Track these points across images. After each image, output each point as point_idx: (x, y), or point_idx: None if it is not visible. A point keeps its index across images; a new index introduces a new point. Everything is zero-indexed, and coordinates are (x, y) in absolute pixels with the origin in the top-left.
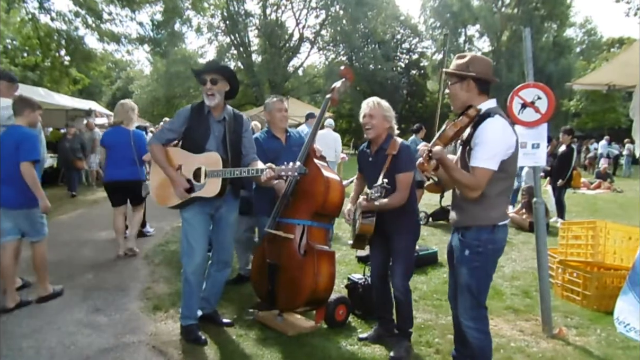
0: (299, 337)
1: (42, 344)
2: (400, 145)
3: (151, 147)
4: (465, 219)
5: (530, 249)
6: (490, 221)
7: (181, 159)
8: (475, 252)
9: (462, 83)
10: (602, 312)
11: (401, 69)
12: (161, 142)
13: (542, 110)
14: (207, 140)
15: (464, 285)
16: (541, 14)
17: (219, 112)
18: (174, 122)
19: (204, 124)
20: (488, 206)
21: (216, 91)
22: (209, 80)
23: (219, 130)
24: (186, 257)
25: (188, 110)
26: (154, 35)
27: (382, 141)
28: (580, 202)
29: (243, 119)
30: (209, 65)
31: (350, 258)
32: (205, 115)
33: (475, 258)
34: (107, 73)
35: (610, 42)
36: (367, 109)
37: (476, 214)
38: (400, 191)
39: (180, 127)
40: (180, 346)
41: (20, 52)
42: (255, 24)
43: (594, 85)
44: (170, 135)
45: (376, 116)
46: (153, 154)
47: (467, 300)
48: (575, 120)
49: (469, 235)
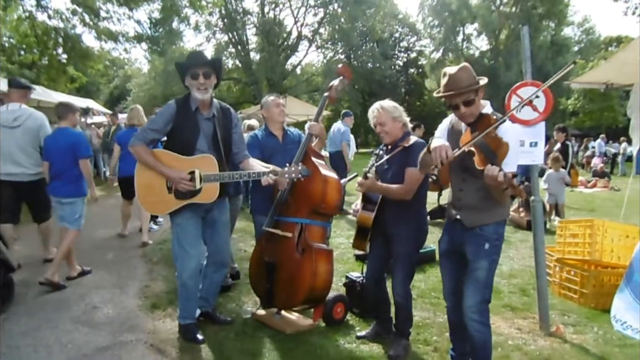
0: (297, 335)
1: (40, 342)
2: (414, 141)
3: (135, 149)
4: (483, 217)
5: (528, 247)
6: (505, 216)
7: (170, 161)
8: (494, 245)
9: (477, 95)
10: (599, 310)
11: (399, 68)
12: (144, 142)
13: (540, 108)
14: (197, 139)
15: (481, 279)
16: (539, 12)
17: (208, 108)
18: (158, 120)
19: (193, 122)
20: (504, 204)
21: (209, 85)
22: (201, 74)
23: (209, 128)
24: (181, 262)
25: (173, 107)
26: (152, 34)
27: (398, 139)
28: (578, 200)
29: (231, 113)
30: (201, 59)
31: (349, 256)
32: (192, 113)
33: (494, 251)
34: (105, 71)
35: (608, 41)
36: (374, 118)
37: (495, 212)
38: (406, 185)
39: (165, 126)
40: (178, 344)
41: (17, 50)
42: (254, 21)
43: (591, 84)
44: (154, 135)
45: (386, 122)
46: (139, 155)
47: (479, 293)
48: (573, 119)
49: (487, 229)
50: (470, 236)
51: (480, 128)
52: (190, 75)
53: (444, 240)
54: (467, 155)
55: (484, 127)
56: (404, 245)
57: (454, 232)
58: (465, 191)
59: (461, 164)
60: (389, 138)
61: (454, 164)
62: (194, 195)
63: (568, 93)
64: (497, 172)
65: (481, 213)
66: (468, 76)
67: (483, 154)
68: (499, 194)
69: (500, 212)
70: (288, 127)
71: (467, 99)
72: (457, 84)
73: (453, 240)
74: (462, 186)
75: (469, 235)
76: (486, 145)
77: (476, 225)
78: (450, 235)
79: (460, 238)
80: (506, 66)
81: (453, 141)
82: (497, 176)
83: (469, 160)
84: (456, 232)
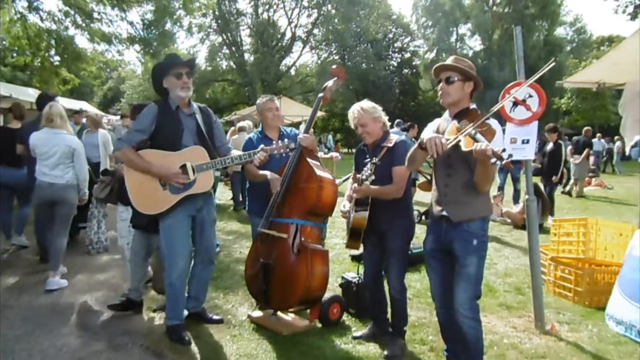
0: (293, 336)
1: (34, 346)
2: (395, 140)
3: (123, 152)
4: (469, 212)
5: (523, 246)
6: (489, 212)
7: (159, 159)
8: (481, 241)
9: (465, 83)
10: (593, 308)
11: (393, 68)
12: (131, 144)
13: (534, 108)
14: (181, 136)
15: (471, 275)
16: (532, 12)
17: (188, 106)
18: (142, 122)
19: (175, 120)
20: (486, 199)
21: (190, 84)
22: (184, 74)
23: (192, 124)
24: (170, 262)
25: (154, 107)
26: (145, 35)
27: (379, 139)
28: (572, 199)
29: (209, 110)
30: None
31: (344, 257)
32: (174, 111)
33: (482, 247)
34: (98, 73)
35: (600, 40)
36: (355, 119)
37: (481, 207)
38: (396, 183)
39: (149, 126)
40: (174, 347)
41: (10, 53)
42: (247, 23)
43: (584, 83)
44: (140, 136)
45: (367, 123)
46: (127, 158)
47: (471, 290)
48: (565, 118)
49: (474, 225)
50: (457, 233)
51: (467, 119)
52: (174, 75)
53: (429, 239)
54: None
55: (471, 120)
56: (398, 240)
57: (440, 230)
58: (450, 186)
59: (446, 160)
60: (371, 138)
61: (438, 161)
62: (189, 187)
63: (561, 92)
64: (486, 146)
65: (467, 207)
66: (468, 64)
67: (471, 138)
68: (484, 172)
69: (485, 207)
70: (284, 127)
71: (458, 79)
72: (459, 61)
73: (439, 238)
74: (447, 181)
75: (456, 233)
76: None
77: (463, 220)
78: (435, 233)
79: (447, 235)
80: (499, 66)
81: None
82: (486, 150)
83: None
84: (442, 230)
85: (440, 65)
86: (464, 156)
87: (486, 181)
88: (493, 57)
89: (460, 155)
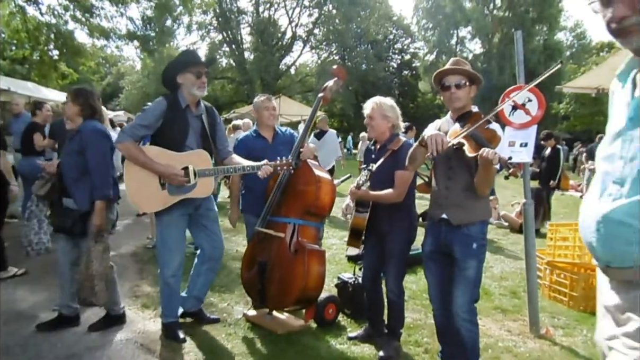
0: (289, 336)
1: (29, 341)
2: (402, 143)
3: (124, 145)
4: (470, 215)
5: (519, 250)
6: (488, 216)
7: (163, 158)
8: (480, 244)
9: (471, 87)
10: (588, 313)
11: (393, 69)
12: (134, 139)
13: (533, 112)
14: (186, 136)
15: (470, 278)
16: (532, 17)
17: (197, 106)
18: (148, 116)
19: (183, 120)
20: (486, 202)
21: (206, 84)
22: (204, 73)
23: (198, 125)
24: (164, 259)
25: (164, 103)
26: (144, 32)
27: (386, 139)
28: (569, 204)
29: (214, 111)
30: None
31: (341, 257)
32: (182, 110)
33: (481, 250)
34: (97, 69)
35: (599, 46)
36: (367, 108)
37: (481, 210)
38: (397, 188)
39: (156, 122)
40: (169, 344)
41: (9, 46)
42: (248, 21)
43: (583, 89)
44: (144, 131)
45: (375, 117)
46: (129, 152)
47: (469, 293)
48: (564, 123)
49: (474, 229)
50: (457, 236)
51: (470, 123)
52: (194, 73)
53: (428, 242)
54: (457, 149)
55: (474, 122)
56: (398, 243)
57: (439, 233)
58: (451, 189)
59: (447, 163)
60: (373, 132)
61: (439, 163)
62: (189, 191)
63: (559, 97)
64: (493, 154)
65: (467, 211)
66: (470, 67)
67: (476, 144)
68: (486, 176)
69: (485, 211)
70: (280, 127)
71: (466, 83)
72: (459, 64)
73: (438, 241)
74: (448, 184)
75: (456, 236)
76: (480, 137)
77: (463, 223)
78: (434, 236)
79: (446, 238)
80: (499, 69)
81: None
82: (493, 158)
83: (459, 152)
84: (441, 233)
85: (450, 69)
86: (465, 159)
87: (487, 185)
88: (493, 60)
89: (461, 158)
